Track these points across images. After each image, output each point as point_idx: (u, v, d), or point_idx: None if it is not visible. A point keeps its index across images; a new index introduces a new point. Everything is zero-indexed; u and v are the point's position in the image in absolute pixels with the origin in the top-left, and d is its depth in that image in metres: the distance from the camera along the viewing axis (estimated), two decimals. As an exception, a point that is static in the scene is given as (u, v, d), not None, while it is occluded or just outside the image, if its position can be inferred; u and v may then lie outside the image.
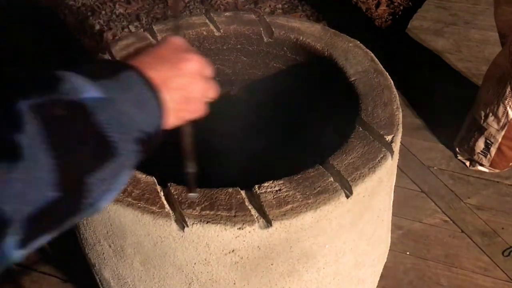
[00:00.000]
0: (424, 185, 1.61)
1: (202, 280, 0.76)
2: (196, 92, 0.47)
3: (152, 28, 1.05)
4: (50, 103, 0.34)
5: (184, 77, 0.45)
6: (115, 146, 0.37)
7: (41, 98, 0.33)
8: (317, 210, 0.70)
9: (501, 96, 1.47)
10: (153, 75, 0.42)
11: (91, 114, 0.35)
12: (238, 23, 1.06)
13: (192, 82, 0.46)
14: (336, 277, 0.84)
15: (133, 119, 0.39)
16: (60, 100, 0.34)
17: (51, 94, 0.34)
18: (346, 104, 0.92)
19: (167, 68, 0.44)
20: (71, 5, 2.56)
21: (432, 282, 1.37)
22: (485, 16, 2.27)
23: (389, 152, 0.78)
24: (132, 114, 0.38)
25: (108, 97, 0.37)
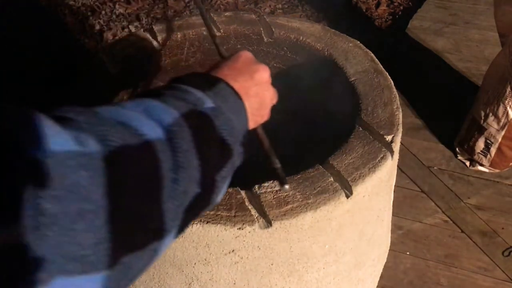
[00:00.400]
0: (424, 185, 1.61)
1: (202, 280, 0.76)
2: (268, 98, 0.53)
3: (152, 28, 1.05)
4: (191, 112, 0.39)
5: (258, 86, 0.51)
6: (231, 148, 0.42)
7: (184, 108, 0.38)
8: (317, 210, 0.70)
9: (501, 96, 1.47)
10: (235, 85, 0.46)
11: (212, 121, 0.40)
12: (238, 23, 1.06)
13: (265, 89, 0.52)
14: (336, 277, 0.84)
15: (235, 125, 0.44)
16: (195, 110, 0.39)
17: (189, 105, 0.39)
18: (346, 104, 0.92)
19: (245, 78, 0.49)
20: (71, 5, 2.56)
21: (432, 282, 1.37)
22: (485, 16, 2.27)
23: (389, 152, 0.78)
24: (234, 121, 0.43)
25: (217, 106, 0.42)
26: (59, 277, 0.27)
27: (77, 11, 2.52)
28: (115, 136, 0.32)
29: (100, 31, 2.40)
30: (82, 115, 0.32)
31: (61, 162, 0.28)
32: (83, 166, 0.29)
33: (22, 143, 0.27)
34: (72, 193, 0.28)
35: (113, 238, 0.29)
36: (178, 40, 1.05)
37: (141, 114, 0.36)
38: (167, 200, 0.34)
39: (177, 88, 0.41)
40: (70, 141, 0.29)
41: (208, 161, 0.38)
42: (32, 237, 0.26)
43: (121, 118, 0.34)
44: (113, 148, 0.31)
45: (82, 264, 0.28)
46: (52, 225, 0.26)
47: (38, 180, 0.27)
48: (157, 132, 0.35)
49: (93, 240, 0.28)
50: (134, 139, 0.33)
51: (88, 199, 0.28)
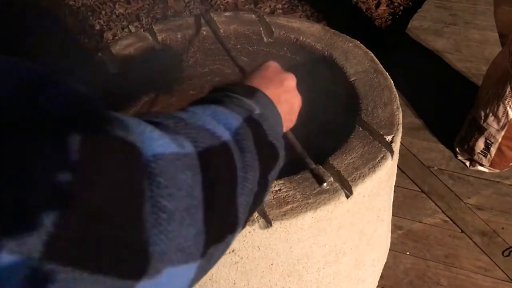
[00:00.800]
0: (424, 185, 1.61)
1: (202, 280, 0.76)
2: (296, 104, 0.56)
3: (152, 28, 1.05)
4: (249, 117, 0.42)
5: (287, 93, 0.54)
6: (278, 151, 0.45)
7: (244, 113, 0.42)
8: (317, 210, 0.70)
9: (501, 96, 1.47)
10: (268, 93, 0.49)
11: (262, 126, 0.44)
12: (238, 23, 1.06)
13: (293, 96, 0.55)
14: (336, 277, 0.84)
15: (278, 130, 0.47)
16: (251, 116, 0.43)
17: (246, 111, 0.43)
18: (346, 104, 0.92)
19: (275, 86, 0.53)
20: (71, 5, 2.56)
21: (432, 282, 1.37)
22: (485, 16, 2.27)
23: (389, 152, 0.78)
24: (275, 126, 0.47)
25: (262, 112, 0.45)
26: (169, 267, 0.29)
27: (77, 11, 2.52)
28: (202, 138, 0.35)
29: (100, 31, 2.40)
30: (169, 120, 0.35)
31: (171, 162, 0.31)
32: (187, 166, 0.32)
33: (140, 148, 0.29)
34: (181, 190, 0.31)
35: (206, 230, 0.33)
36: (178, 40, 1.05)
37: (211, 118, 0.39)
38: (240, 196, 0.37)
39: (230, 96, 0.45)
40: (171, 143, 0.32)
41: (265, 162, 0.42)
42: (154, 231, 0.28)
43: (198, 122, 0.37)
44: (202, 149, 0.34)
45: (185, 255, 0.31)
46: (170, 220, 0.29)
47: (155, 180, 0.29)
48: (227, 134, 0.38)
49: (193, 232, 0.31)
50: (215, 141, 0.36)
51: (192, 195, 0.32)
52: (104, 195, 0.26)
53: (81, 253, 0.25)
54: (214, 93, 0.46)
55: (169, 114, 0.37)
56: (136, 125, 0.30)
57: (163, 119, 0.35)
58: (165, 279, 0.29)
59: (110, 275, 0.26)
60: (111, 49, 1.00)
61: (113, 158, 0.27)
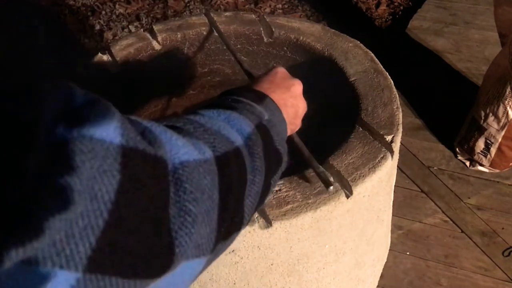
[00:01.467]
0: (424, 185, 1.61)
1: (202, 280, 0.76)
2: (301, 109, 0.58)
3: (152, 28, 1.05)
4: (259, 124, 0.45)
5: (293, 98, 0.56)
6: (282, 156, 0.48)
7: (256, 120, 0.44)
8: (317, 210, 0.70)
9: (501, 96, 1.47)
10: (274, 98, 0.52)
11: (270, 132, 0.46)
12: (238, 23, 1.06)
13: (299, 101, 0.58)
14: (336, 277, 0.84)
15: (282, 135, 0.50)
16: (261, 122, 0.45)
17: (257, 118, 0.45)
18: (346, 104, 0.92)
19: (282, 91, 0.55)
20: (71, 5, 2.56)
21: (432, 282, 1.37)
22: (485, 16, 2.27)
23: (389, 152, 0.78)
24: (281, 131, 0.49)
25: (269, 118, 0.47)
26: (185, 261, 0.32)
27: (77, 11, 2.52)
28: (219, 144, 0.37)
29: (100, 31, 2.40)
30: (189, 125, 0.38)
31: (194, 169, 0.33)
32: (207, 172, 0.34)
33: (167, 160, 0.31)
34: (204, 194, 0.33)
35: (217, 229, 0.35)
36: (178, 40, 1.05)
37: (226, 123, 0.41)
38: (247, 198, 0.40)
39: (243, 102, 0.47)
40: (194, 150, 0.34)
41: (270, 167, 0.44)
42: (180, 233, 0.30)
43: (214, 127, 0.39)
44: (219, 153, 0.37)
45: (198, 250, 0.33)
46: (194, 223, 0.32)
47: (182, 186, 0.31)
48: (240, 140, 0.41)
49: (207, 230, 0.34)
50: (229, 146, 0.39)
51: (211, 198, 0.34)
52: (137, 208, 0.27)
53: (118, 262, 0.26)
54: (227, 97, 0.48)
55: (189, 118, 0.39)
56: (163, 134, 0.32)
57: (184, 125, 0.37)
58: (179, 271, 0.31)
59: (140, 277, 0.28)
60: (111, 49, 1.00)
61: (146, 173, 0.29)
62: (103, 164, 0.26)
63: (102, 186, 0.26)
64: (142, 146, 0.29)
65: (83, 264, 0.24)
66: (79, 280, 0.24)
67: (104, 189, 0.26)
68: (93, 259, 0.25)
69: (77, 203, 0.24)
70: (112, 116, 0.28)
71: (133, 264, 0.27)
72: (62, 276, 0.24)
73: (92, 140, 0.26)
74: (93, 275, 0.25)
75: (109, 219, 0.26)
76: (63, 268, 0.24)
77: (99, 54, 0.99)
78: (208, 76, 1.15)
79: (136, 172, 0.28)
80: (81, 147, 0.25)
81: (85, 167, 0.25)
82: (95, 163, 0.26)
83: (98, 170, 0.26)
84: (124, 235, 0.27)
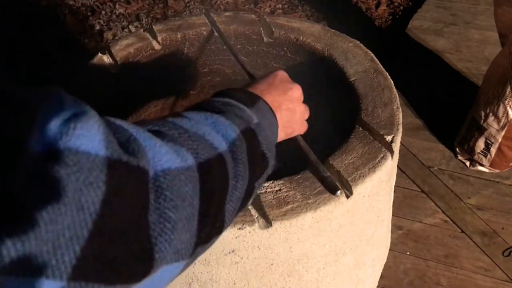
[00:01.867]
0: (424, 185, 1.61)
1: (202, 280, 0.76)
2: (299, 113, 0.58)
3: (152, 28, 1.05)
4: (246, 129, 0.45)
5: (290, 101, 0.56)
6: (268, 160, 0.48)
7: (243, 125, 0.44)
8: (317, 210, 0.70)
9: (501, 96, 1.47)
10: (269, 99, 0.53)
11: (257, 137, 0.46)
12: (238, 23, 1.06)
13: (296, 105, 0.58)
14: (336, 277, 0.84)
15: (271, 139, 0.49)
16: (248, 127, 0.45)
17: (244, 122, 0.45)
18: (346, 104, 0.92)
19: (278, 94, 0.55)
20: (71, 5, 2.56)
21: (432, 282, 1.37)
22: (485, 16, 2.27)
23: (389, 152, 0.78)
24: (270, 135, 0.49)
25: (259, 122, 0.47)
26: (164, 265, 0.32)
27: (77, 11, 2.52)
28: (202, 150, 0.38)
29: (100, 31, 2.40)
30: (173, 130, 0.38)
31: (175, 177, 0.33)
32: (188, 179, 0.35)
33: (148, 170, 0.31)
34: (184, 201, 0.34)
35: (197, 234, 0.36)
36: (178, 40, 1.05)
37: (211, 128, 0.41)
38: (228, 203, 0.41)
39: (232, 105, 0.47)
40: (176, 158, 0.34)
41: (254, 171, 0.45)
42: (160, 239, 0.31)
43: (199, 132, 0.40)
44: (202, 160, 0.37)
45: (178, 255, 0.34)
46: (173, 229, 0.32)
47: (163, 194, 0.32)
48: (224, 145, 0.41)
49: (187, 236, 0.34)
50: (213, 152, 0.39)
51: (192, 205, 0.35)
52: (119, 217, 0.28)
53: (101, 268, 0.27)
54: (218, 98, 0.48)
55: (175, 123, 0.39)
56: (148, 140, 0.33)
57: (169, 129, 0.38)
58: (159, 275, 0.32)
59: (122, 282, 0.29)
60: (111, 49, 1.00)
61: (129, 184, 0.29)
62: (89, 176, 0.26)
63: (88, 197, 0.26)
64: (125, 158, 0.30)
65: (68, 272, 0.25)
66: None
67: (90, 200, 0.26)
68: (77, 268, 0.26)
69: (64, 215, 0.25)
70: (97, 129, 0.28)
71: (115, 270, 0.28)
72: (48, 285, 0.25)
73: (78, 153, 0.26)
74: (77, 283, 0.26)
75: (93, 228, 0.26)
76: (49, 278, 0.25)
77: (99, 54, 0.99)
78: (208, 76, 1.15)
79: (120, 182, 0.28)
80: (66, 160, 0.26)
81: (71, 179, 0.26)
82: (80, 175, 0.26)
83: (84, 182, 0.26)
84: (106, 243, 0.27)
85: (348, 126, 0.84)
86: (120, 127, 0.32)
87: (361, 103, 0.86)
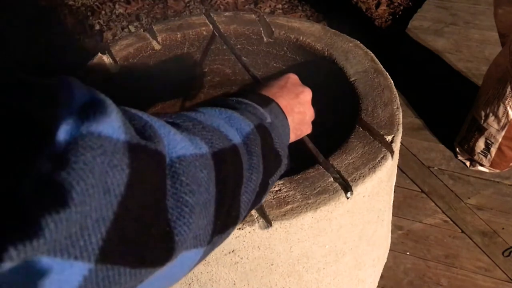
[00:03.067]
0: (424, 185, 1.61)
1: (202, 280, 0.76)
2: (308, 116, 0.60)
3: (152, 28, 1.05)
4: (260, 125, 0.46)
5: (301, 105, 0.58)
6: (281, 158, 0.49)
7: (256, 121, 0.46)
8: (317, 211, 0.70)
9: (501, 96, 1.47)
10: (282, 103, 0.54)
11: (271, 134, 0.47)
12: (238, 23, 1.06)
13: (307, 108, 0.60)
14: (336, 277, 0.84)
15: (283, 139, 0.51)
16: (262, 124, 0.47)
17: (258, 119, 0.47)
18: (346, 104, 0.92)
19: (291, 97, 0.57)
20: (71, 5, 2.56)
21: (432, 282, 1.37)
22: (485, 16, 2.27)
23: (389, 152, 0.78)
24: (282, 135, 0.50)
25: (272, 121, 0.49)
26: (184, 251, 0.33)
27: (77, 11, 2.52)
28: (216, 140, 0.39)
29: (100, 31, 2.40)
30: (187, 122, 0.39)
31: (190, 163, 0.34)
32: (203, 166, 0.36)
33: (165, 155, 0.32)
34: (200, 187, 0.34)
35: (214, 221, 0.37)
36: (178, 40, 1.05)
37: (225, 122, 0.43)
38: (243, 194, 0.42)
39: (246, 103, 0.49)
40: (190, 145, 0.35)
41: (268, 167, 0.46)
42: (178, 223, 0.32)
43: (213, 124, 0.41)
44: (216, 149, 0.38)
45: (196, 241, 0.35)
46: (191, 213, 0.33)
47: (179, 179, 0.33)
48: (238, 138, 0.42)
49: (205, 222, 0.35)
50: (227, 143, 0.40)
51: (208, 191, 0.35)
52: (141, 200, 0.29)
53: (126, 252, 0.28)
54: (232, 98, 0.49)
55: (189, 116, 0.41)
56: (162, 128, 0.34)
57: (183, 122, 0.39)
58: (179, 261, 0.33)
59: (145, 266, 0.30)
60: (111, 49, 1.00)
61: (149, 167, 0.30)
62: (113, 159, 0.27)
63: (114, 179, 0.27)
64: (144, 143, 0.30)
65: (95, 254, 0.26)
66: (91, 271, 0.26)
67: (115, 182, 0.27)
68: (103, 250, 0.26)
69: (92, 197, 0.26)
70: (115, 115, 0.29)
71: (139, 254, 0.29)
72: (77, 267, 0.25)
73: (100, 137, 0.27)
74: (104, 265, 0.27)
75: (117, 210, 0.27)
76: (78, 259, 0.25)
77: (99, 54, 0.99)
78: (208, 76, 1.15)
79: (141, 166, 0.29)
80: (90, 143, 0.26)
81: (96, 162, 0.26)
82: (105, 158, 0.27)
83: (109, 165, 0.27)
84: (130, 226, 0.28)
85: (348, 126, 0.84)
86: (135, 114, 0.33)
87: (361, 103, 0.86)
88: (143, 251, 0.30)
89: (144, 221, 0.29)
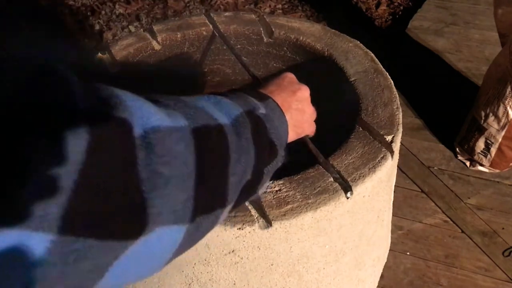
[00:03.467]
0: (424, 185, 1.61)
1: (202, 280, 0.76)
2: (307, 114, 0.60)
3: (152, 28, 1.05)
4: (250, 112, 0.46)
5: (299, 102, 0.58)
6: (277, 148, 0.48)
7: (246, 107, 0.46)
8: (317, 210, 0.70)
9: (501, 96, 1.47)
10: (279, 99, 0.54)
11: (264, 123, 0.47)
12: (238, 23, 1.06)
13: (305, 105, 0.60)
14: (336, 277, 0.84)
15: (280, 131, 0.50)
16: (253, 111, 0.47)
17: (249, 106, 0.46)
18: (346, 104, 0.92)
19: (288, 95, 0.57)
20: (71, 5, 2.56)
21: (432, 282, 1.37)
22: (485, 16, 2.27)
23: (389, 152, 0.78)
24: (279, 128, 0.50)
25: (267, 113, 0.49)
26: (160, 226, 0.32)
27: (77, 11, 2.52)
28: (198, 117, 0.38)
29: (100, 31, 2.40)
30: (170, 100, 0.39)
31: (165, 135, 0.33)
32: (180, 138, 0.35)
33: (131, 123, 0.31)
34: (177, 159, 0.34)
35: (195, 197, 0.35)
36: (178, 40, 1.05)
37: (213, 106, 0.42)
38: (231, 175, 0.40)
39: (238, 94, 0.48)
40: (167, 118, 0.34)
41: (261, 154, 0.45)
42: (151, 195, 0.31)
43: (198, 105, 0.40)
44: (197, 125, 0.37)
45: (175, 217, 0.34)
46: (166, 184, 0.32)
47: (153, 150, 0.32)
48: (225, 119, 0.41)
49: (184, 197, 0.34)
50: (211, 121, 0.39)
51: (185, 164, 0.35)
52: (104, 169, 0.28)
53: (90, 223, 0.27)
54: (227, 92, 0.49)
55: (173, 97, 0.40)
56: (134, 101, 0.33)
57: (164, 99, 0.38)
58: (156, 237, 0.32)
59: (115, 238, 0.29)
60: (111, 49, 1.00)
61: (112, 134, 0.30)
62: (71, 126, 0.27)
63: (73, 146, 0.26)
64: (105, 110, 0.30)
65: (57, 225, 0.25)
66: (54, 242, 0.25)
67: (74, 149, 0.26)
68: (65, 220, 0.26)
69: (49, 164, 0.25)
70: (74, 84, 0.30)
71: (104, 226, 0.28)
72: (37, 238, 0.25)
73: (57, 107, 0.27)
74: (67, 237, 0.26)
75: (78, 179, 0.26)
76: (38, 230, 0.25)
77: (99, 54, 0.99)
78: (208, 76, 1.15)
79: (103, 132, 0.29)
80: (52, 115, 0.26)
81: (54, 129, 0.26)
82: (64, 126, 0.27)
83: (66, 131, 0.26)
84: (93, 196, 0.27)
85: (348, 126, 0.84)
86: (101, 86, 0.33)
87: (361, 103, 0.86)
88: (111, 223, 0.29)
89: (109, 191, 0.28)
